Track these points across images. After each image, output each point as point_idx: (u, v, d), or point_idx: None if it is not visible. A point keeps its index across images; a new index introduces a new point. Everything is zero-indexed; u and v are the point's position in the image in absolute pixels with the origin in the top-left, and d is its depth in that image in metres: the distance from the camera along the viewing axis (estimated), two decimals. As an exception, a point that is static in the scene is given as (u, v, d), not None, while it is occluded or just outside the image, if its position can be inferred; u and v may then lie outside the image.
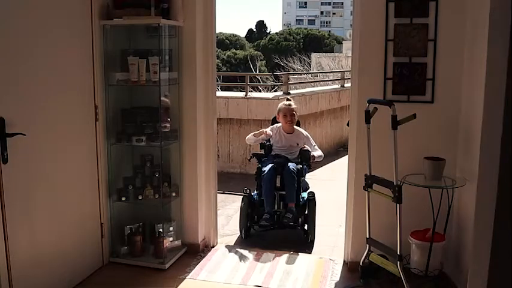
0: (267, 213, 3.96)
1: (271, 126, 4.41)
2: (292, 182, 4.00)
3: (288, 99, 4.39)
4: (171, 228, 3.61)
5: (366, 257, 3.18)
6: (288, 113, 4.25)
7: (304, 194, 4.21)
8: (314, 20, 66.72)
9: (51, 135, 2.91)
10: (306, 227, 4.09)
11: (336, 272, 3.45)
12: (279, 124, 4.36)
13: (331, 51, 35.25)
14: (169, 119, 3.50)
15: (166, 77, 3.46)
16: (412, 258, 3.09)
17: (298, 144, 4.31)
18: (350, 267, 3.45)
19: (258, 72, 25.10)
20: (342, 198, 3.62)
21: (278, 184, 4.05)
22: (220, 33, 39.57)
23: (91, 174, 3.33)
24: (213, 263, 3.58)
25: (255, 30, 51.46)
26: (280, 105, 4.36)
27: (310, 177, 5.79)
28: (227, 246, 3.91)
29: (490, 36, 2.49)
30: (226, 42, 39.89)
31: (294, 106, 4.30)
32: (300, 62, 22.74)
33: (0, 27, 2.49)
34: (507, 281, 2.37)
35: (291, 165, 4.08)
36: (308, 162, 4.26)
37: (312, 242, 4.03)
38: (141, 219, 3.65)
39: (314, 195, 4.18)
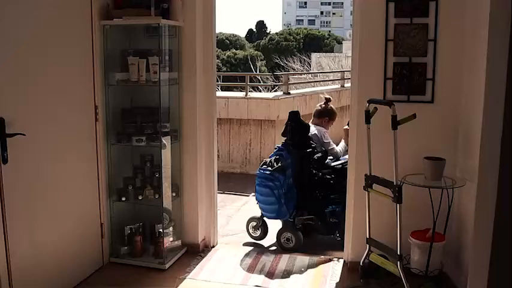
0: None
1: (326, 130, 4.36)
2: None
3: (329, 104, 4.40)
4: (171, 228, 3.61)
5: (366, 257, 3.19)
6: None
7: None
8: (314, 20, 66.69)
9: (51, 135, 2.91)
10: None
11: (336, 272, 3.45)
12: (319, 127, 4.31)
13: (331, 51, 35.17)
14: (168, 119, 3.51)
15: (166, 77, 3.46)
16: (412, 258, 3.09)
17: None
18: (350, 267, 3.45)
19: (258, 72, 25.07)
20: (342, 198, 3.62)
21: None
22: (220, 33, 39.51)
23: (91, 174, 3.33)
24: (213, 263, 3.58)
25: (255, 30, 51.40)
26: (331, 110, 4.38)
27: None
28: (227, 246, 3.91)
29: (490, 36, 2.49)
30: (226, 42, 39.83)
31: None
32: (300, 62, 22.67)
33: (0, 27, 2.49)
34: (507, 281, 2.37)
35: None
36: None
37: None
38: (141, 219, 3.65)
39: None
